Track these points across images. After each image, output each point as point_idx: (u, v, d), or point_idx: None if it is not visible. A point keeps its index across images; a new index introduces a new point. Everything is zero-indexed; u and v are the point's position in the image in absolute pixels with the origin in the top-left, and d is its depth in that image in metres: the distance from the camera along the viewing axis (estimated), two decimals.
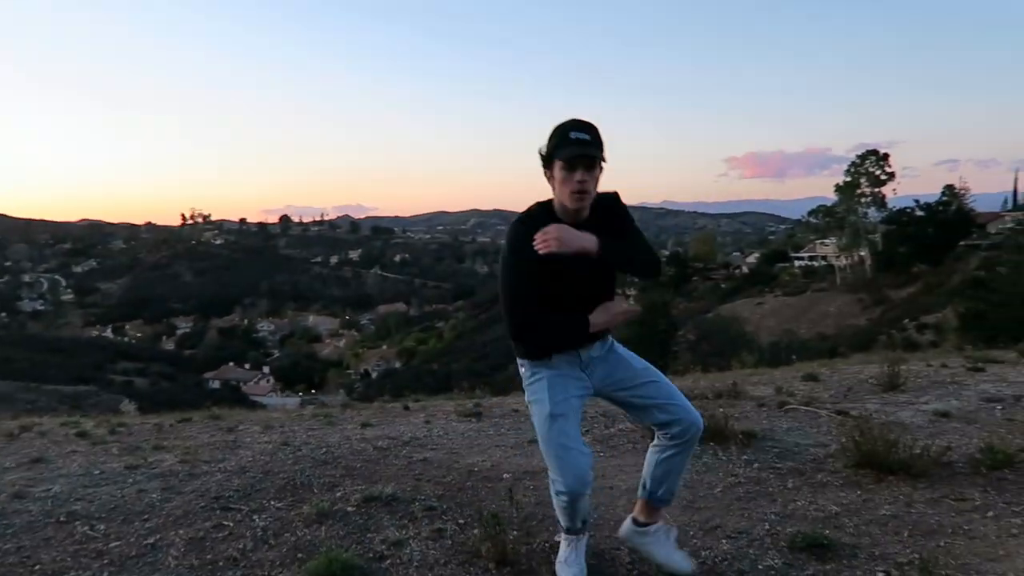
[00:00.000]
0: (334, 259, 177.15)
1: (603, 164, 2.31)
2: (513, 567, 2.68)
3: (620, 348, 2.59)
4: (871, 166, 63.61)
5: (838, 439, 4.14)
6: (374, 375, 71.87)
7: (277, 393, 61.70)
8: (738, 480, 3.56)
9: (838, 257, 65.92)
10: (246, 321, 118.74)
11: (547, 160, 2.32)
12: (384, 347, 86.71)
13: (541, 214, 2.36)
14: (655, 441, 2.61)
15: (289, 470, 3.98)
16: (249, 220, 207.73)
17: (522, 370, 2.55)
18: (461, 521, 3.15)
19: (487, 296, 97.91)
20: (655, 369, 2.59)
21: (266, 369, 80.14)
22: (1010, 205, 78.12)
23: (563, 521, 2.57)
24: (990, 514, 3.00)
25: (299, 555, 2.88)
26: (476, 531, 2.95)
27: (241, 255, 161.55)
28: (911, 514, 3.05)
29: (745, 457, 3.88)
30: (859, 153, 64.66)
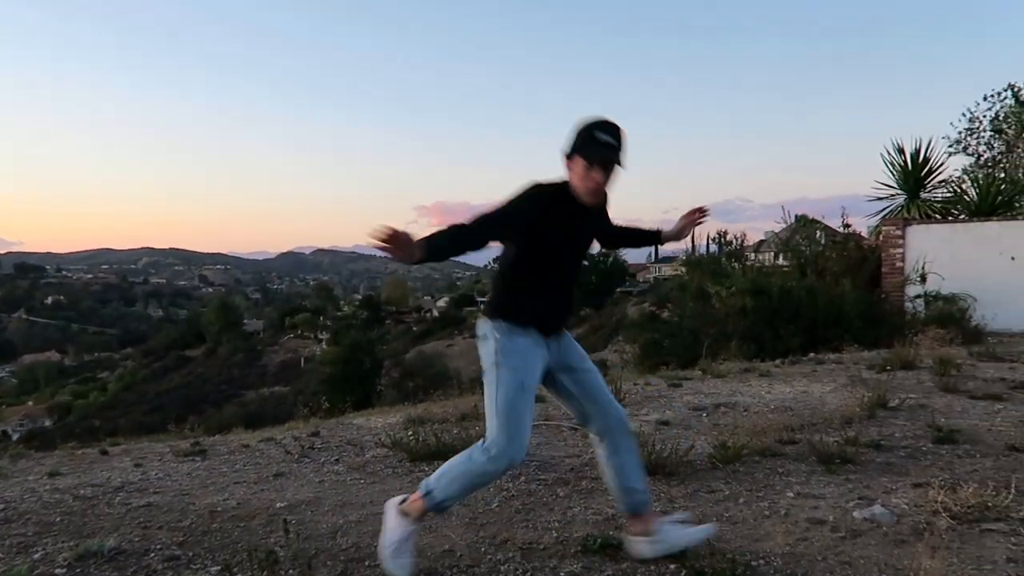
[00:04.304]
0: None
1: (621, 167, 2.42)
2: None
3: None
4: None
5: (589, 449, 4.28)
6: (14, 436, 60.91)
7: None
8: (511, 494, 3.48)
9: None
10: None
11: (570, 153, 2.41)
12: (30, 403, 74.04)
13: (560, 191, 2.44)
14: (598, 448, 2.70)
15: None
16: None
17: (493, 332, 2.51)
18: (216, 568, 2.61)
19: (162, 342, 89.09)
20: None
21: None
22: (653, 258, 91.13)
23: (451, 491, 2.47)
24: (741, 501, 3.26)
25: None
26: None
27: None
28: (676, 509, 3.19)
29: (509, 472, 3.80)
30: None
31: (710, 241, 18.17)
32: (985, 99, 19.06)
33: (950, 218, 13.24)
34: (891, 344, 8.62)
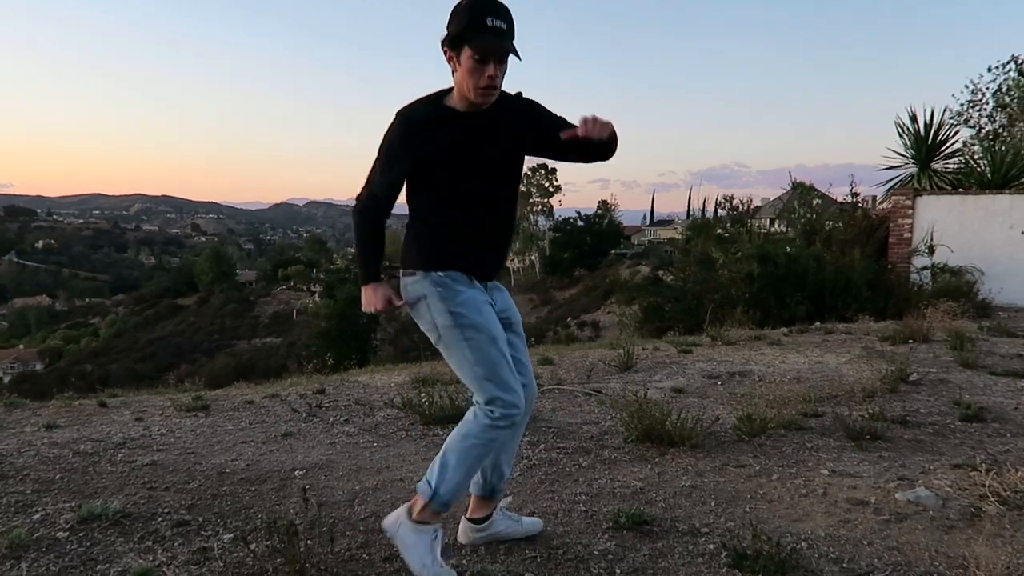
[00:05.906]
0: None
1: (516, 57, 2.01)
2: None
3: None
4: (541, 179, 69.84)
5: (606, 416, 4.15)
6: (6, 379, 60.84)
7: None
8: (532, 462, 3.34)
9: (512, 260, 71.14)
10: None
11: (454, 43, 1.98)
12: (21, 346, 73.91)
13: (435, 109, 2.09)
14: None
15: None
16: None
17: (433, 289, 2.16)
18: (229, 535, 2.47)
19: (153, 289, 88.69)
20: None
21: None
22: (648, 221, 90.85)
23: (458, 479, 2.14)
24: (774, 477, 3.13)
25: None
26: (255, 546, 2.32)
27: None
28: (707, 483, 3.06)
29: (527, 438, 3.67)
30: (531, 167, 70.64)
31: (713, 206, 17.82)
32: (989, 70, 18.73)
33: (960, 190, 13.04)
34: (899, 315, 8.50)
